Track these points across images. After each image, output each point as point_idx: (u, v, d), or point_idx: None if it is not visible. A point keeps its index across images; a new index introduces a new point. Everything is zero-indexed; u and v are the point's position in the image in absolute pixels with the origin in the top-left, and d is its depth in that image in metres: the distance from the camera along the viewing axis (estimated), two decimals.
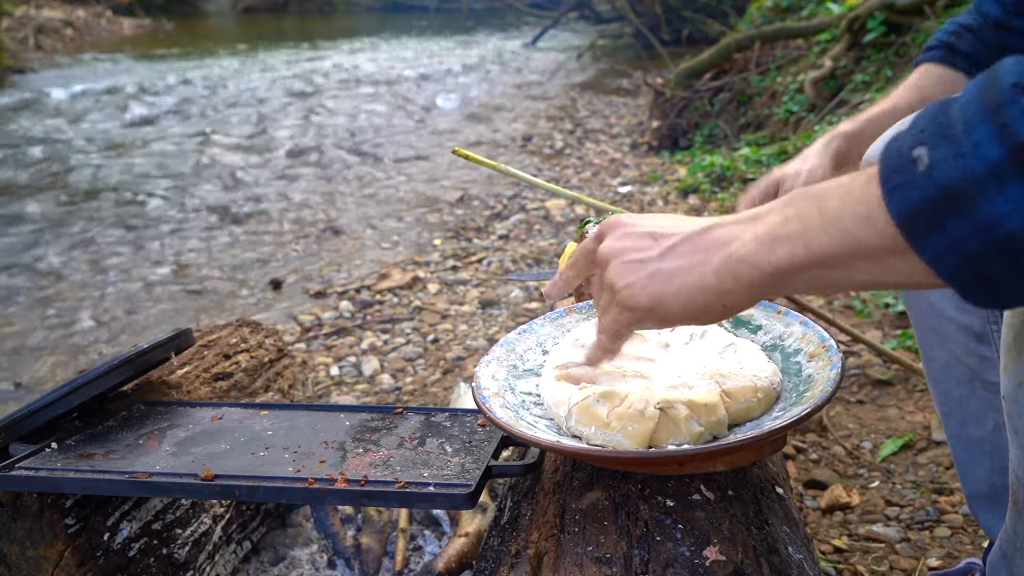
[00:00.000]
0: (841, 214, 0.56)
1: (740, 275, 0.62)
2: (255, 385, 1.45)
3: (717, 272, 0.63)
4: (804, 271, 0.59)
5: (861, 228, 0.55)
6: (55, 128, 6.04)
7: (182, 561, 1.17)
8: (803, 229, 0.59)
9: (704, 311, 0.66)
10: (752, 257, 0.61)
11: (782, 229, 0.60)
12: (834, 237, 0.56)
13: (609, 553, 0.76)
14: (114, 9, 14.94)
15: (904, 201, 0.49)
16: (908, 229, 0.50)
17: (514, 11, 13.26)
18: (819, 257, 0.58)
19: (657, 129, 5.24)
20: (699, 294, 0.65)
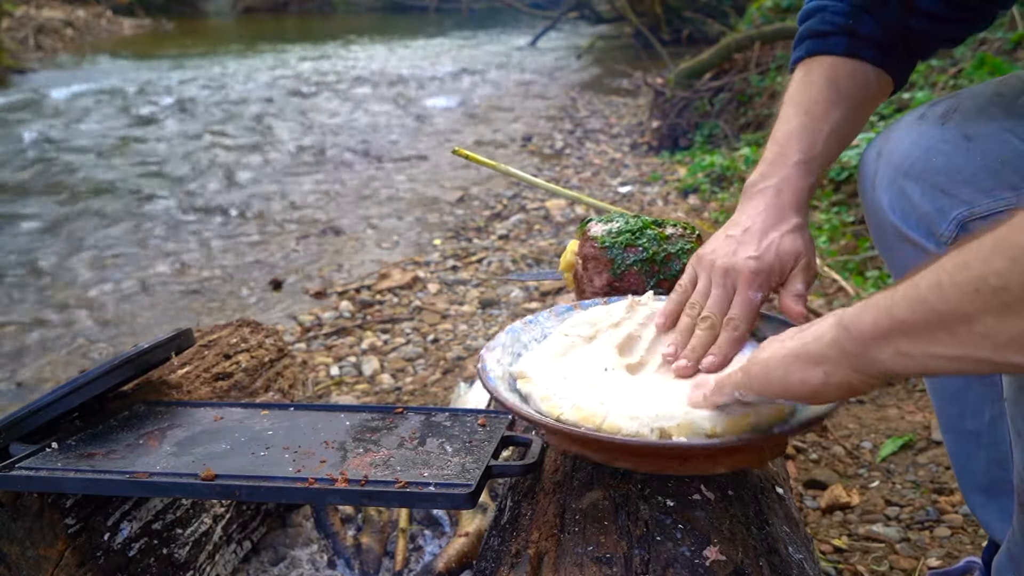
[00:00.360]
0: (920, 281, 0.58)
1: (838, 342, 0.65)
2: (255, 385, 1.45)
3: (822, 341, 0.68)
4: (890, 340, 0.61)
5: (935, 294, 0.56)
6: (55, 128, 6.04)
7: (182, 561, 1.17)
8: (889, 297, 0.61)
9: (802, 381, 0.70)
10: (847, 320, 0.65)
11: (878, 299, 0.62)
12: (911, 303, 0.58)
13: (609, 553, 0.76)
14: (114, 9, 14.93)
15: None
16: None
17: (514, 11, 13.26)
18: (900, 324, 0.59)
19: (657, 129, 5.24)
20: (799, 365, 0.70)
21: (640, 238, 1.17)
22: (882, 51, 1.01)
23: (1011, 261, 0.51)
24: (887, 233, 1.02)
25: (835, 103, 0.99)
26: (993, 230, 0.54)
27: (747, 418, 0.79)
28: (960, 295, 0.54)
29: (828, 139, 0.99)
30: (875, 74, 1.02)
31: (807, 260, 0.94)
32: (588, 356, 0.96)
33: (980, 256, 0.53)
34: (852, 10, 1.00)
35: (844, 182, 3.30)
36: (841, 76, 1.01)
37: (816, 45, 1.02)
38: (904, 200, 0.97)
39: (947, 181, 0.91)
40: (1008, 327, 0.53)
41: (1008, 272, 0.51)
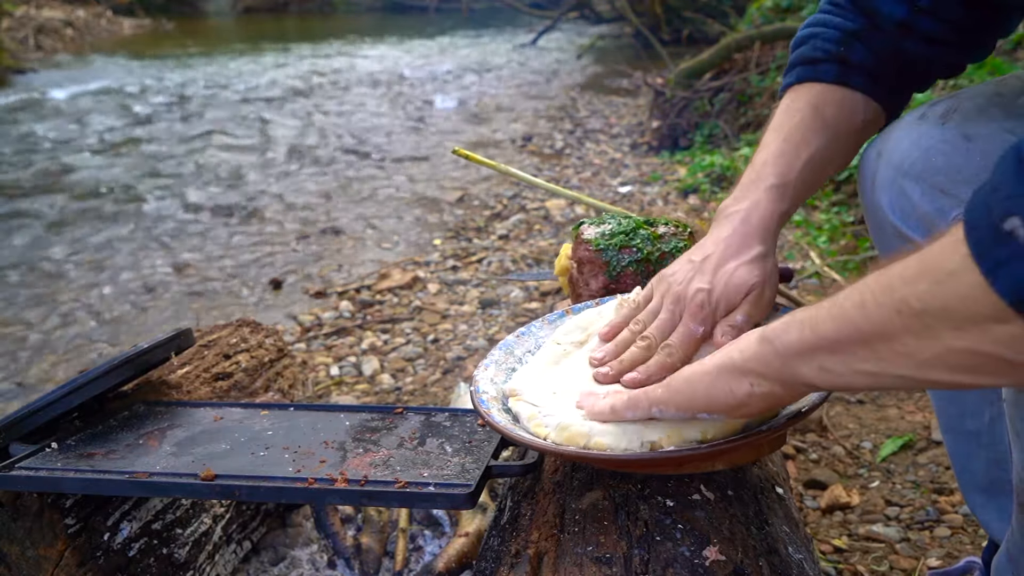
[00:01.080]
0: (845, 300, 0.59)
1: (763, 357, 0.68)
2: (255, 385, 1.45)
3: (746, 355, 0.70)
4: (815, 355, 0.62)
5: (858, 313, 0.57)
6: (55, 128, 6.04)
7: (182, 561, 1.17)
8: (814, 314, 0.63)
9: (729, 397, 0.72)
10: (771, 335, 0.67)
11: (802, 314, 0.64)
12: (836, 321, 0.59)
13: (609, 553, 0.76)
14: (114, 9, 14.93)
15: (1011, 281, 0.46)
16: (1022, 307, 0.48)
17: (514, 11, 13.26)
18: (824, 341, 0.61)
19: (657, 129, 5.24)
20: (724, 379, 0.73)
21: (634, 239, 1.17)
22: (873, 80, 0.99)
23: (934, 284, 0.51)
24: (887, 233, 1.02)
25: (816, 131, 0.97)
26: (922, 251, 0.54)
27: (738, 423, 0.80)
28: (882, 315, 0.55)
29: (805, 166, 0.96)
30: (864, 103, 1.00)
31: (758, 292, 0.91)
32: (580, 363, 0.96)
33: (905, 277, 0.54)
34: (844, 37, 0.98)
35: (844, 182, 3.30)
36: (827, 104, 0.98)
37: (806, 72, 1.01)
38: (904, 200, 0.97)
39: (947, 181, 0.91)
40: (927, 347, 0.54)
41: (930, 295, 0.52)
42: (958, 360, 0.53)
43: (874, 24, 0.98)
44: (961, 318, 0.50)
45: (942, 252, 0.51)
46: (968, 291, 0.49)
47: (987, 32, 0.97)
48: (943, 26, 0.94)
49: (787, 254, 2.89)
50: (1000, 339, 0.50)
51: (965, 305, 0.50)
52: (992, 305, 0.48)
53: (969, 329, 0.51)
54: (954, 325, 0.51)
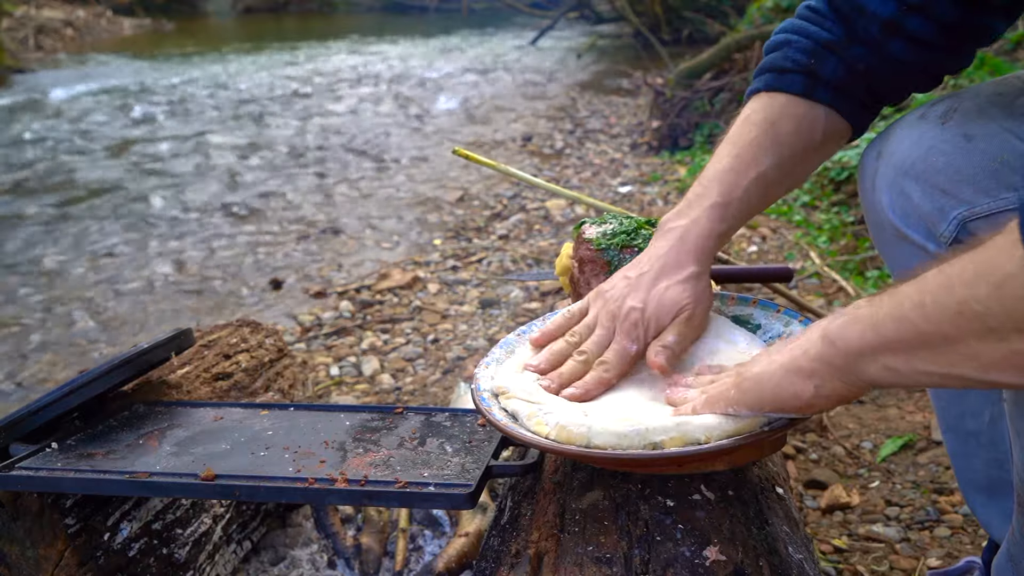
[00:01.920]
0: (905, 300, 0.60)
1: (825, 356, 0.68)
2: (255, 385, 1.45)
3: (809, 354, 0.70)
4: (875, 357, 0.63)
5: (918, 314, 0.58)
6: (55, 128, 6.04)
7: (182, 561, 1.17)
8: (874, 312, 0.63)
9: (794, 394, 0.73)
10: (834, 335, 0.67)
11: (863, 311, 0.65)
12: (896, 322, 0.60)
13: (609, 553, 0.76)
14: (114, 9, 14.92)
15: None
16: None
17: (514, 11, 13.25)
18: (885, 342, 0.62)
19: (657, 129, 5.24)
20: (789, 377, 0.73)
21: (636, 238, 1.17)
22: (841, 95, 0.97)
23: (995, 287, 0.51)
24: (887, 233, 1.02)
25: (769, 149, 0.96)
26: (978, 250, 0.54)
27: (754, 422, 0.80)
28: (943, 317, 0.56)
29: (751, 185, 0.95)
30: (827, 117, 0.98)
31: (688, 314, 0.91)
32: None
33: (964, 279, 0.54)
34: (816, 48, 0.96)
35: (844, 182, 3.30)
36: (786, 119, 0.97)
37: (772, 80, 0.99)
38: (904, 200, 0.97)
39: (947, 181, 0.91)
40: (991, 350, 0.54)
41: (991, 298, 0.52)
42: (1020, 358, 0.53)
43: (852, 33, 0.96)
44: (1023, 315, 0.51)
45: (999, 252, 0.51)
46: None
47: (973, 37, 0.95)
48: (931, 26, 0.92)
49: (787, 254, 2.90)
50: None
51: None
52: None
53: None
54: (1018, 327, 0.51)
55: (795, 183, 1.04)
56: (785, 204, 3.42)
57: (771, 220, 3.28)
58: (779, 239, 3.08)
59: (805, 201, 3.40)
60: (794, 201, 3.42)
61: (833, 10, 0.97)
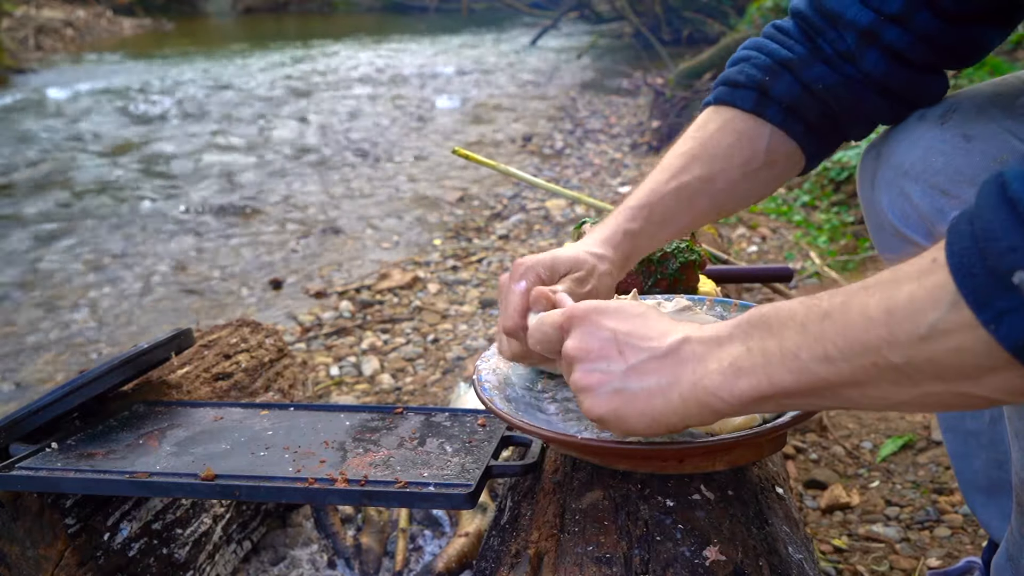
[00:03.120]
0: (801, 351, 0.56)
1: (706, 404, 0.64)
2: (255, 385, 1.45)
3: (683, 398, 0.65)
4: (772, 401, 0.61)
5: (824, 367, 0.55)
6: (55, 128, 6.04)
7: (182, 561, 1.17)
8: (764, 363, 0.59)
9: (666, 429, 0.68)
10: (717, 390, 0.62)
11: (746, 361, 0.61)
12: (795, 374, 0.57)
13: (609, 553, 0.76)
14: (114, 9, 14.93)
15: (1017, 332, 0.45)
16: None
17: (514, 11, 13.26)
18: (783, 391, 0.59)
19: (657, 129, 5.24)
20: (663, 416, 0.66)
21: None
22: (791, 115, 0.96)
23: (918, 338, 0.49)
24: (887, 233, 1.02)
25: (699, 160, 0.96)
26: (881, 290, 0.52)
27: (754, 420, 0.80)
28: (854, 369, 0.54)
29: (672, 192, 0.96)
30: (774, 136, 0.96)
31: (582, 274, 0.91)
32: None
33: (874, 331, 0.51)
34: (772, 66, 0.95)
35: (844, 182, 3.30)
36: (726, 132, 0.97)
37: (724, 94, 0.99)
38: (903, 200, 0.97)
39: (946, 181, 0.91)
40: (906, 393, 0.53)
41: (914, 350, 0.50)
42: (937, 401, 0.53)
43: (816, 51, 0.94)
44: (952, 370, 0.49)
45: (920, 298, 0.49)
46: (962, 343, 0.47)
47: (953, 53, 0.92)
48: (909, 38, 0.89)
49: (787, 254, 2.90)
50: (992, 386, 0.49)
51: (958, 358, 0.48)
52: (989, 355, 0.47)
53: (958, 380, 0.50)
54: (940, 376, 0.50)
55: (735, 199, 1.01)
56: (785, 204, 3.42)
57: (771, 220, 3.28)
58: (779, 239, 3.08)
59: (805, 201, 3.40)
60: (794, 201, 3.42)
61: (801, 27, 0.96)
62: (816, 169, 1.27)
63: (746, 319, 0.63)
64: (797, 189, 3.53)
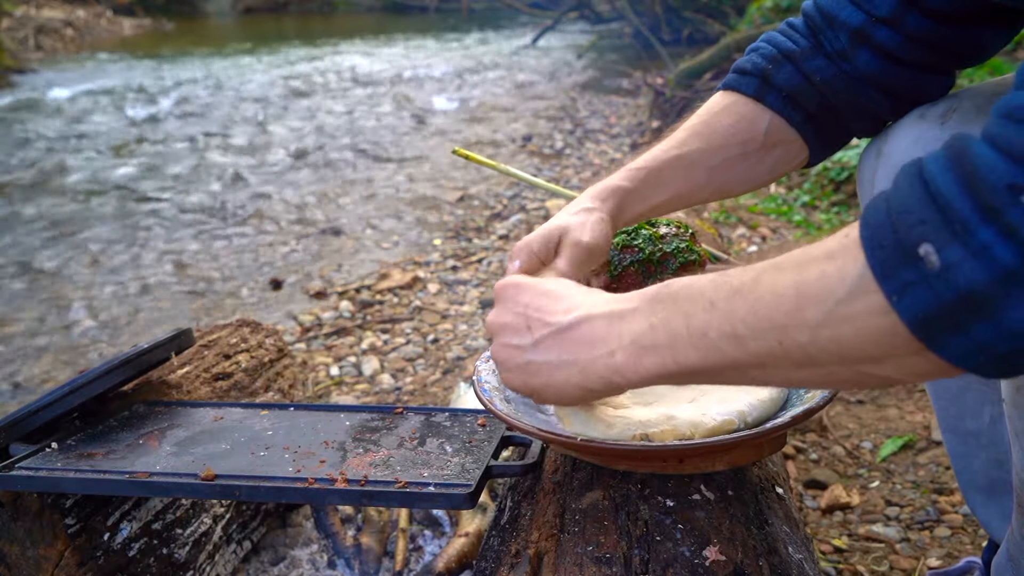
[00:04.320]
0: (709, 329, 0.56)
1: (608, 380, 0.65)
2: (255, 385, 1.45)
3: (584, 374, 0.67)
4: (679, 378, 0.61)
5: (731, 345, 0.55)
6: (55, 128, 6.04)
7: (182, 561, 1.17)
8: (670, 341, 0.60)
9: (574, 400, 0.71)
10: (620, 367, 0.64)
11: (649, 339, 0.61)
12: (701, 352, 0.58)
13: (609, 553, 0.76)
14: (114, 9, 14.92)
15: (918, 305, 0.46)
16: (925, 332, 0.46)
17: (514, 11, 13.25)
18: (688, 369, 0.59)
19: (657, 129, 5.24)
20: (569, 389, 0.69)
21: (636, 239, 1.17)
22: (791, 103, 0.98)
23: (824, 313, 0.50)
24: None
25: (699, 135, 0.99)
26: (790, 269, 0.52)
27: (730, 424, 0.80)
28: (761, 348, 0.54)
29: (671, 161, 0.98)
30: (774, 122, 0.99)
31: (575, 237, 0.92)
32: None
33: (783, 308, 0.52)
34: (777, 56, 0.99)
35: (844, 182, 3.30)
36: (727, 112, 1.00)
37: (731, 80, 1.03)
38: None
39: None
40: (808, 374, 0.54)
41: (820, 326, 0.50)
42: (837, 380, 0.54)
43: (818, 46, 0.96)
44: (856, 350, 0.49)
45: (830, 274, 0.49)
46: (865, 314, 0.48)
47: (949, 54, 0.92)
48: (899, 38, 0.90)
49: None
50: (893, 366, 0.49)
51: (862, 335, 0.49)
52: (892, 331, 0.47)
53: (861, 361, 0.50)
54: (843, 356, 0.50)
55: (732, 178, 1.03)
56: (785, 204, 3.42)
57: (771, 220, 3.29)
58: (779, 239, 3.08)
59: (805, 201, 3.40)
60: (794, 201, 3.42)
61: (808, 23, 0.99)
62: (817, 168, 1.28)
63: (652, 293, 0.63)
64: (797, 189, 3.53)
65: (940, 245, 0.45)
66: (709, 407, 0.84)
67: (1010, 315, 0.44)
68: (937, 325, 0.46)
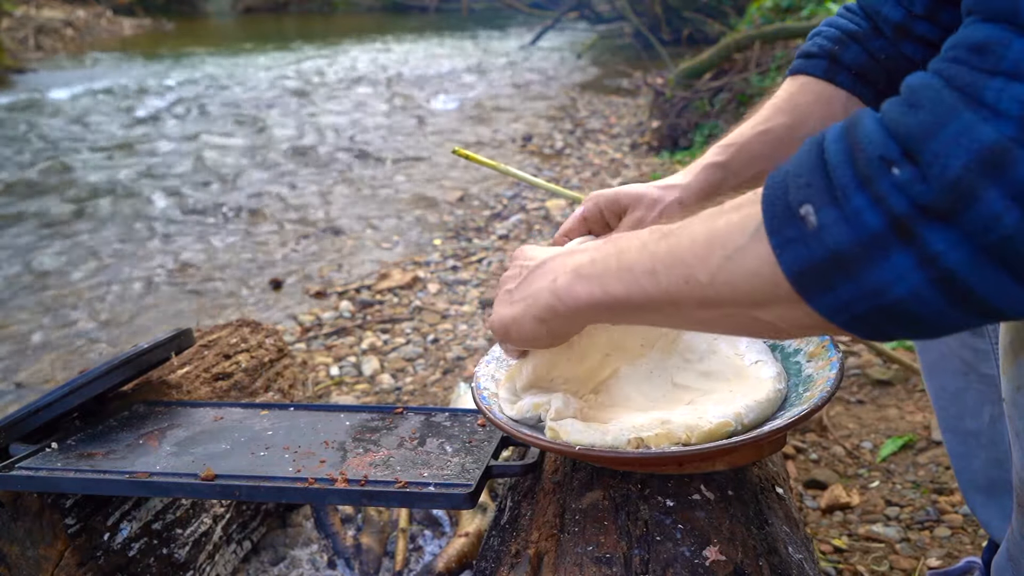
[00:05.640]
0: (635, 265, 0.63)
1: (554, 308, 0.71)
2: (255, 385, 1.45)
3: (536, 300, 0.73)
4: (608, 310, 0.67)
5: (648, 280, 0.62)
6: (55, 128, 6.04)
7: (182, 561, 1.17)
8: (601, 272, 0.66)
9: (534, 337, 0.76)
10: (560, 292, 0.70)
11: (587, 269, 0.68)
12: (624, 284, 0.64)
13: (609, 553, 0.76)
14: (114, 9, 14.93)
15: (797, 259, 0.51)
16: (800, 284, 0.51)
17: (514, 11, 13.25)
18: (614, 300, 0.65)
19: (657, 129, 5.24)
20: (529, 322, 0.75)
21: None
22: (861, 81, 1.01)
23: (724, 258, 0.55)
24: None
25: (783, 111, 1.02)
26: (705, 218, 0.58)
27: (727, 425, 0.80)
28: (671, 285, 0.60)
29: (757, 136, 1.01)
30: (846, 101, 1.02)
31: (641, 213, 0.98)
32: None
33: (695, 251, 0.58)
34: (842, 37, 1.02)
35: None
36: (805, 93, 1.03)
37: (800, 65, 1.05)
38: None
39: None
40: (711, 314, 0.59)
41: (719, 269, 0.56)
42: (735, 323, 0.59)
43: (876, 28, 1.00)
44: (745, 294, 0.55)
45: (734, 224, 0.55)
46: (755, 263, 0.53)
47: None
48: (940, 32, 0.93)
49: None
50: (776, 314, 0.55)
51: (751, 281, 0.54)
52: (775, 281, 0.52)
53: (751, 305, 0.55)
54: (735, 299, 0.56)
55: None
56: None
57: None
58: None
59: None
60: None
61: (861, 8, 1.03)
62: None
63: (604, 238, 0.71)
64: None
65: (819, 206, 0.49)
66: (707, 409, 0.84)
67: (870, 276, 0.48)
68: (810, 280, 0.51)
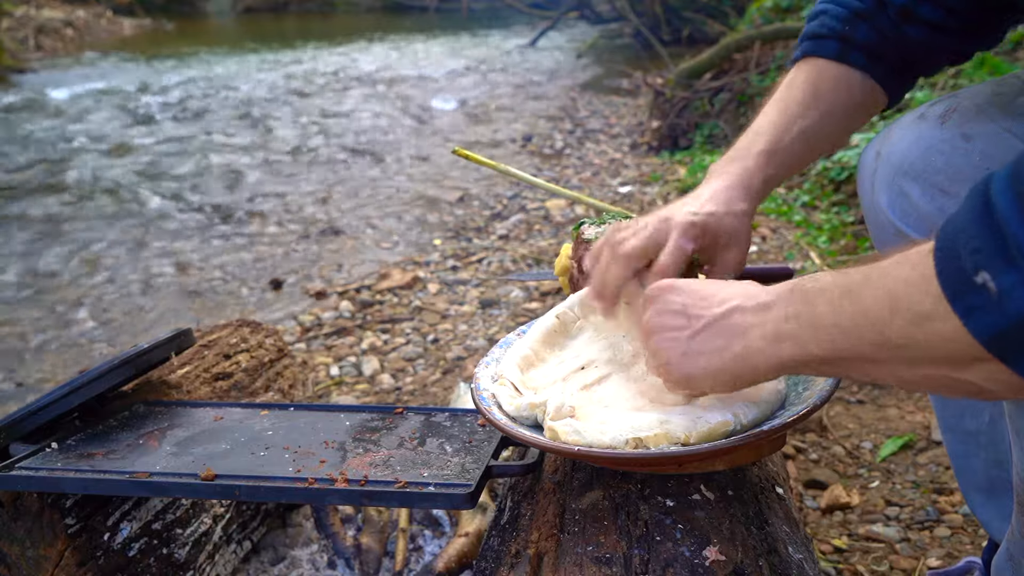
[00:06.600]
0: (831, 326, 0.62)
1: (756, 366, 0.71)
2: (255, 385, 1.45)
3: (735, 359, 0.72)
4: (804, 366, 0.67)
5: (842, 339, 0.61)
6: (55, 128, 6.04)
7: (182, 561, 1.17)
8: (799, 333, 0.66)
9: (728, 387, 0.76)
10: (762, 353, 0.69)
11: (785, 328, 0.67)
12: (824, 344, 0.63)
13: (609, 553, 0.76)
14: (114, 9, 14.92)
15: (986, 326, 0.49)
16: (997, 349, 0.50)
17: (514, 11, 13.25)
18: (815, 358, 0.65)
19: (657, 129, 5.24)
20: (722, 375, 0.74)
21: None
22: (874, 59, 1.00)
23: (911, 325, 0.54)
24: (887, 233, 1.02)
25: (811, 105, 1.01)
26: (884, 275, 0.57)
27: (726, 425, 0.80)
28: (865, 344, 0.59)
29: (797, 138, 0.99)
30: (863, 82, 1.01)
31: (737, 250, 0.96)
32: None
33: (880, 314, 0.57)
34: (849, 16, 1.00)
35: (844, 182, 3.30)
36: (824, 80, 1.01)
37: (810, 47, 1.04)
38: (904, 200, 0.97)
39: (946, 180, 0.91)
40: (912, 372, 0.58)
41: (909, 335, 0.55)
42: (938, 384, 0.58)
43: (881, 5, 0.99)
44: (942, 356, 0.54)
45: (914, 290, 0.53)
46: (946, 331, 0.52)
47: (991, 21, 0.97)
48: (943, 13, 0.94)
49: (787, 254, 2.89)
50: (979, 375, 0.53)
51: (945, 345, 0.53)
52: (970, 345, 0.50)
53: (949, 366, 0.54)
54: (933, 359, 0.55)
55: (838, 140, 1.07)
56: (785, 204, 3.42)
57: (771, 220, 3.28)
58: (779, 239, 3.08)
59: (805, 201, 3.40)
60: (794, 201, 3.42)
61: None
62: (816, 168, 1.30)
63: (788, 288, 0.69)
64: (797, 189, 3.53)
65: (996, 272, 0.48)
66: (706, 409, 0.84)
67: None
68: (1005, 344, 0.49)
